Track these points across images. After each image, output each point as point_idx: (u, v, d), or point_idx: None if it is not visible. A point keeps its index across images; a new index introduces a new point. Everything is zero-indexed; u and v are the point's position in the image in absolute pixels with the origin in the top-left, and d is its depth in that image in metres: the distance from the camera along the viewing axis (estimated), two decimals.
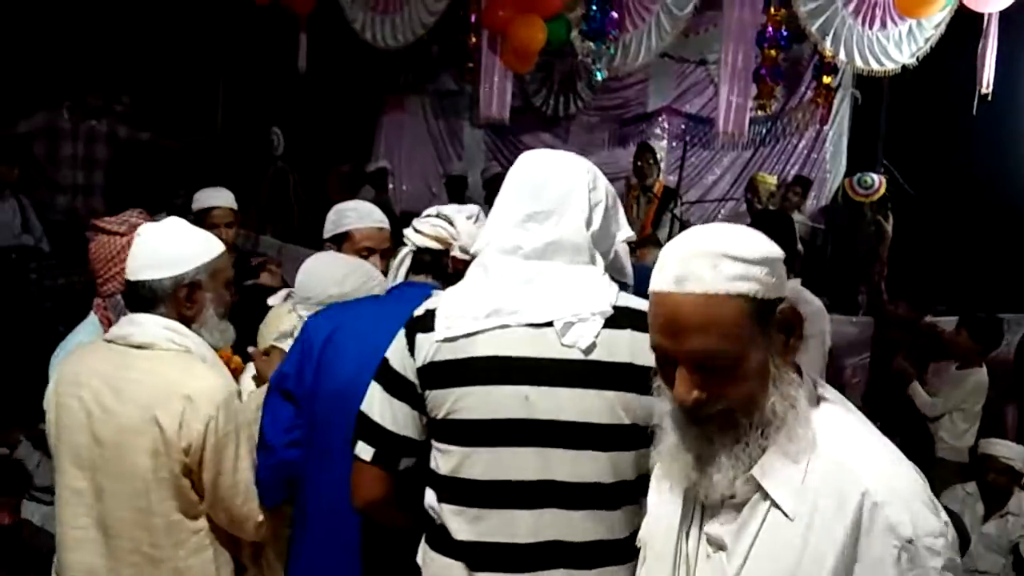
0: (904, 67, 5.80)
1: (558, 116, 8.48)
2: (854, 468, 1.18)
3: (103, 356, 1.97)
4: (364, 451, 1.69)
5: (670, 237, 5.67)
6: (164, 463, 1.88)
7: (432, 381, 1.61)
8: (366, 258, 2.68)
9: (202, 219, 3.88)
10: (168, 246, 1.98)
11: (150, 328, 1.94)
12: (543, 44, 6.03)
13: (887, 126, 7.22)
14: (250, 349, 2.40)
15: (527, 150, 1.79)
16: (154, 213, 4.90)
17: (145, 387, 1.89)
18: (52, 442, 2.02)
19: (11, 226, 5.24)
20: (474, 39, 6.88)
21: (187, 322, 1.99)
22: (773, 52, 6.79)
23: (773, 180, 7.13)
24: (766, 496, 1.20)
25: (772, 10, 6.56)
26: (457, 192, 7.67)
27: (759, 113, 7.41)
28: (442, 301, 1.65)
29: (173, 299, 1.96)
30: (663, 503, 1.35)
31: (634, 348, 1.56)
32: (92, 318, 2.44)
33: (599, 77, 6.84)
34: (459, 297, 1.64)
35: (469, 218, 2.12)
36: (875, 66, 5.85)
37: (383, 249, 2.76)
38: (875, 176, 6.64)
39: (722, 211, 8.12)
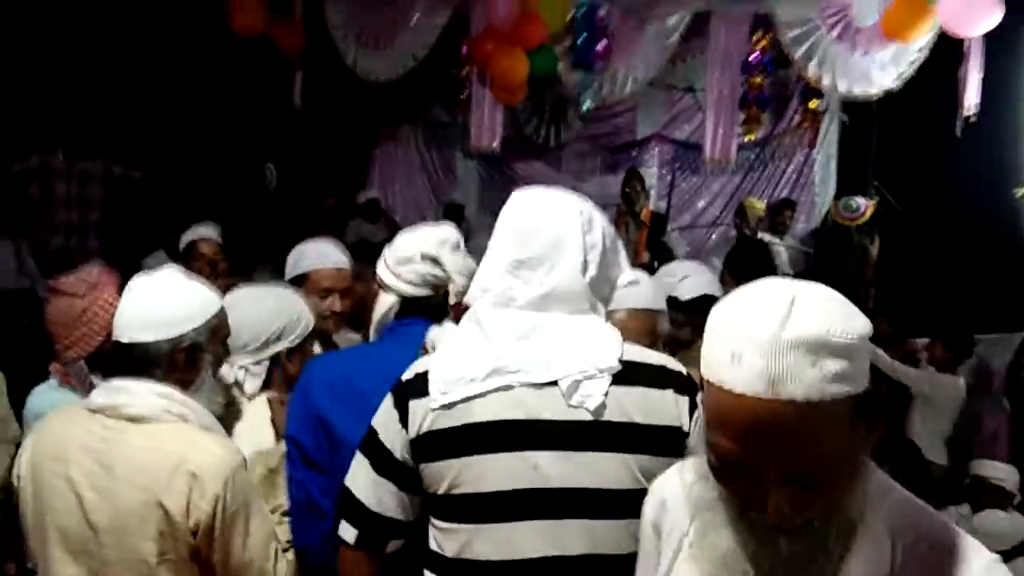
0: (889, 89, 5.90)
1: (549, 145, 8.56)
2: (949, 560, 1.03)
3: (87, 427, 1.73)
4: (347, 532, 1.56)
5: (660, 262, 5.74)
6: (171, 546, 1.69)
7: (429, 453, 1.46)
8: (324, 299, 2.63)
9: (190, 251, 4.06)
10: (164, 304, 1.76)
11: (144, 398, 1.72)
12: (526, 76, 6.07)
13: (877, 147, 7.30)
14: (270, 396, 2.16)
15: (520, 178, 1.66)
16: (150, 251, 4.97)
17: (144, 466, 1.68)
18: (30, 521, 1.78)
19: (7, 268, 5.25)
20: (465, 71, 6.96)
21: (183, 386, 1.78)
22: (758, 79, 6.90)
23: (762, 205, 7.20)
24: None
25: (756, 36, 6.67)
26: (454, 221, 7.67)
27: (747, 139, 7.50)
28: (433, 363, 1.50)
29: (170, 364, 1.75)
30: None
31: (647, 408, 1.45)
32: (52, 383, 2.26)
33: (586, 107, 6.91)
34: (453, 357, 1.48)
35: (454, 249, 1.98)
36: (859, 91, 5.94)
37: (342, 289, 2.70)
38: (861, 200, 6.71)
39: (712, 236, 8.18)
